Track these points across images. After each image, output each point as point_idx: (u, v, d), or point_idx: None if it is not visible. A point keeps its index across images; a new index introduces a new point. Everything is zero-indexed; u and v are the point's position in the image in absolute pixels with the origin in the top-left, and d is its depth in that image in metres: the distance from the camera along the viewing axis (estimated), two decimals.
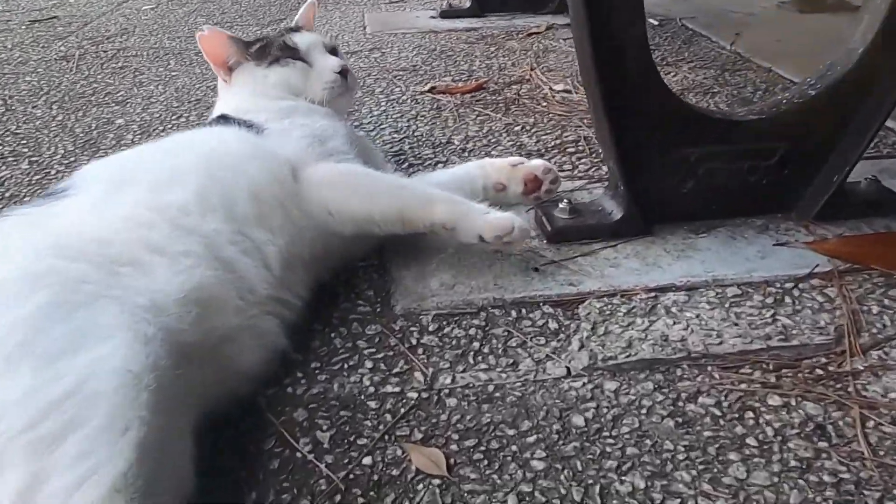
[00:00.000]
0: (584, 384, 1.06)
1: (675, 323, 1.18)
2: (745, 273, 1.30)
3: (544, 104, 2.21)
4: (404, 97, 2.31)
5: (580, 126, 2.02)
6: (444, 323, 1.20)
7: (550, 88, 2.33)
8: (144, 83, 2.55)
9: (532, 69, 2.51)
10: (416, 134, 2.02)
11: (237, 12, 3.62)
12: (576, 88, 2.31)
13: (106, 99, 2.40)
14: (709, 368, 1.08)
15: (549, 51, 2.76)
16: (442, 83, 2.41)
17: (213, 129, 1.31)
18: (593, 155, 1.83)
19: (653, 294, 1.25)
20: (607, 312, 1.21)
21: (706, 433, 0.97)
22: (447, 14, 3.29)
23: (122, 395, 0.78)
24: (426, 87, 2.38)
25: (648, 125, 1.33)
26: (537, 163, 1.49)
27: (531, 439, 0.97)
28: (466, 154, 1.86)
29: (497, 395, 1.05)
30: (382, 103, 2.27)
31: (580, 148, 1.88)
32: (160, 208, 1.03)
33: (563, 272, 1.32)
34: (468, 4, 3.28)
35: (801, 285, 1.26)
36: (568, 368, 1.09)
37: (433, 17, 3.32)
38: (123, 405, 0.77)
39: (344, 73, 1.46)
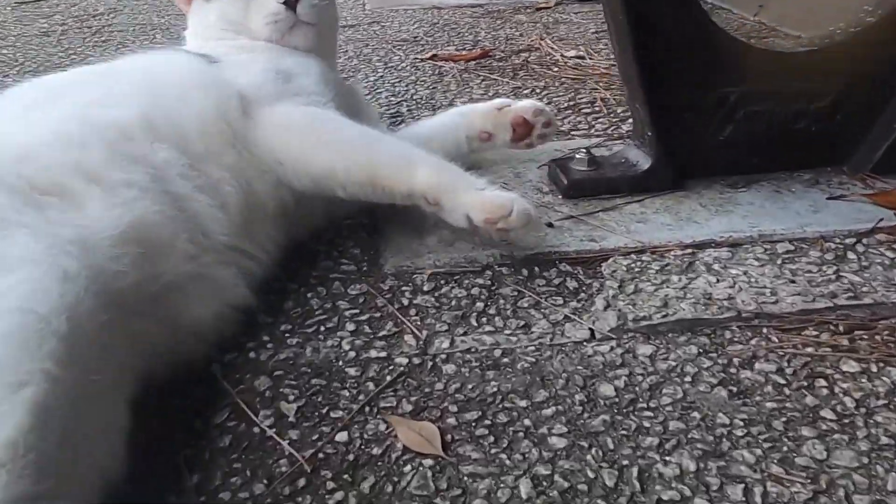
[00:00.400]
0: (611, 348, 0.87)
1: (718, 280, 0.98)
2: (798, 228, 1.10)
3: (555, 69, 2.02)
4: (404, 64, 2.13)
5: (596, 89, 1.83)
6: (443, 282, 1.01)
7: (562, 55, 2.14)
8: (127, 55, 2.38)
9: (542, 38, 2.33)
10: (415, 98, 1.83)
11: None
12: (589, 55, 2.13)
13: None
14: (764, 330, 0.89)
15: (559, 23, 2.57)
16: (445, 52, 2.23)
17: (158, 54, 1.16)
18: (611, 115, 1.65)
19: (689, 250, 1.06)
20: (636, 270, 1.02)
21: (768, 404, 0.77)
22: None
23: (20, 340, 0.59)
24: (427, 55, 2.20)
25: (682, 56, 1.13)
26: (526, 103, 1.27)
27: (548, 412, 0.77)
28: None
29: (505, 360, 0.86)
30: (380, 70, 2.09)
31: (596, 108, 1.69)
32: (98, 127, 0.85)
33: (582, 227, 1.13)
34: None
35: (865, 240, 1.06)
36: (592, 330, 0.90)
37: None
38: (19, 353, 0.58)
39: (291, 3, 1.12)
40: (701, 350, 0.86)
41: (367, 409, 0.78)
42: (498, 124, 1.27)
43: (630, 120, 1.58)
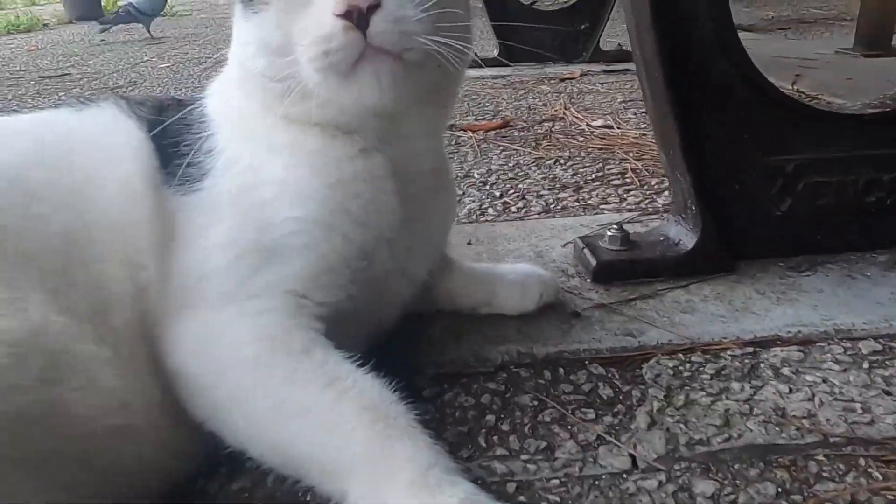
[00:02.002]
0: (660, 484, 0.67)
1: (791, 390, 0.78)
2: (882, 322, 0.90)
3: (581, 139, 1.88)
4: None
5: (625, 159, 1.68)
6: (447, 386, 0.83)
7: (588, 124, 2.01)
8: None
9: (566, 108, 2.21)
10: None
11: None
12: (617, 124, 1.99)
13: None
14: (862, 462, 0.68)
15: (584, 93, 2.46)
16: (464, 122, 2.12)
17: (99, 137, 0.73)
18: (644, 187, 1.48)
19: (750, 349, 0.86)
20: (686, 374, 0.82)
21: None
22: (473, 63, 3.05)
23: None
24: None
25: (729, 118, 0.97)
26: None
27: None
28: (487, 187, 1.53)
29: (521, 499, 0.66)
30: None
31: (627, 180, 1.53)
32: None
33: (616, 319, 0.94)
34: (496, 53, 3.04)
35: None
36: (633, 457, 0.70)
37: None
38: None
39: (358, 13, 0.60)
40: (780, 489, 0.65)
41: None
42: None
43: (667, 192, 1.42)
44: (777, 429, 0.72)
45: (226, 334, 0.64)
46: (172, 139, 0.72)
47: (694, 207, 1.01)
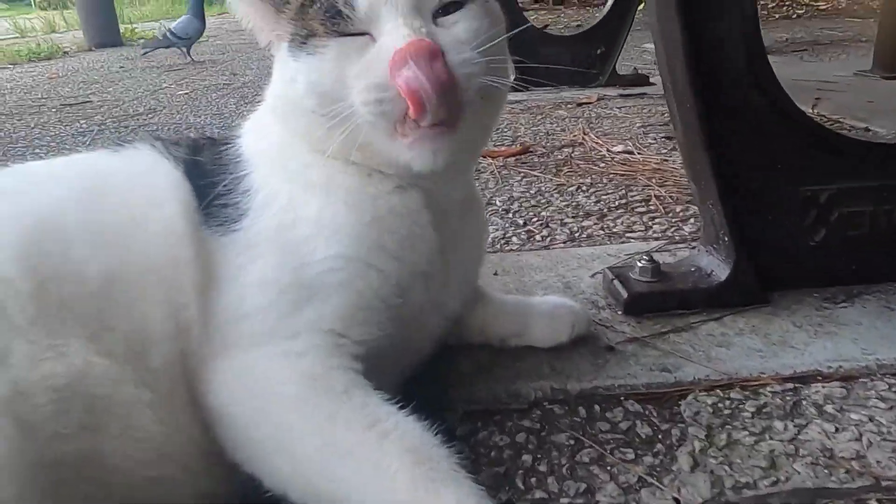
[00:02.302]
0: None
1: (837, 429, 0.76)
2: None
3: (602, 165, 1.87)
4: None
5: (648, 185, 1.66)
6: (479, 424, 0.81)
7: (608, 150, 2.00)
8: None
9: (585, 133, 2.20)
10: None
11: None
12: (638, 149, 1.98)
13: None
14: None
15: (602, 117, 2.46)
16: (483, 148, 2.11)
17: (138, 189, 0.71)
18: (669, 214, 1.47)
19: (790, 385, 0.84)
20: (726, 412, 0.80)
21: None
22: None
23: None
24: None
25: (761, 148, 0.96)
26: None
27: None
28: (510, 215, 1.52)
29: None
30: None
31: (651, 207, 1.52)
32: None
33: (651, 353, 0.92)
34: (512, 78, 3.05)
35: None
36: (678, 501, 0.68)
37: None
38: None
39: (416, 59, 0.60)
40: None
41: None
42: None
43: (693, 220, 1.41)
44: (826, 471, 0.70)
45: (267, 374, 0.63)
46: (210, 179, 0.72)
47: (726, 238, 1.00)
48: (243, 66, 4.75)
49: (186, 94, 3.61)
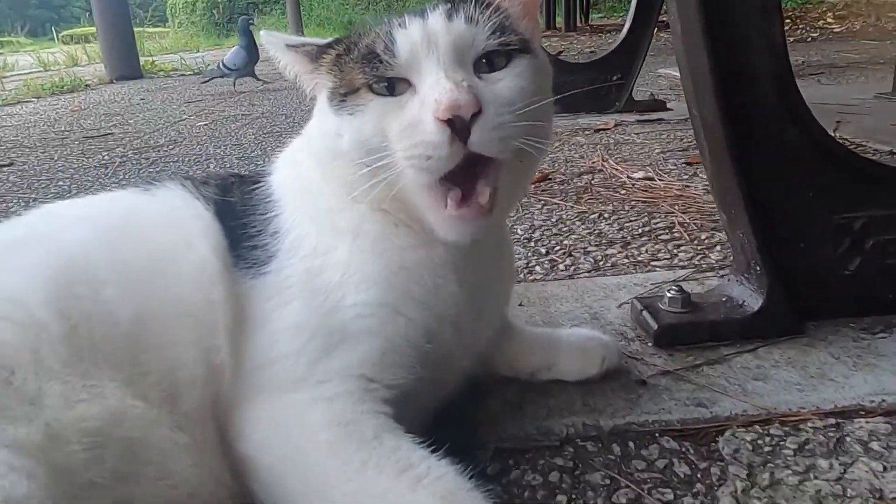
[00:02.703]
0: None
1: (886, 468, 0.73)
2: None
3: (623, 192, 1.86)
4: None
5: (671, 212, 1.65)
6: (511, 462, 0.79)
7: (628, 176, 1.99)
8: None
9: (604, 160, 2.19)
10: None
11: (288, 125, 3.53)
12: (659, 176, 1.96)
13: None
14: None
15: (621, 143, 2.45)
16: None
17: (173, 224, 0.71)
18: (694, 241, 1.45)
19: (832, 420, 0.81)
20: (766, 449, 0.77)
21: None
22: None
23: None
24: None
25: (793, 175, 0.95)
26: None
27: None
28: (532, 244, 1.50)
29: None
30: None
31: (675, 235, 1.50)
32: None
33: (684, 387, 0.90)
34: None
35: None
36: None
37: None
38: None
39: (460, 123, 0.61)
40: None
41: None
42: None
43: (719, 248, 1.39)
44: None
45: (298, 420, 0.62)
46: (240, 220, 0.71)
47: (758, 267, 0.98)
48: (260, 97, 4.82)
49: (206, 125, 3.66)
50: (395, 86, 0.66)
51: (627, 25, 2.97)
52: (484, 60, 0.66)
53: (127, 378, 0.58)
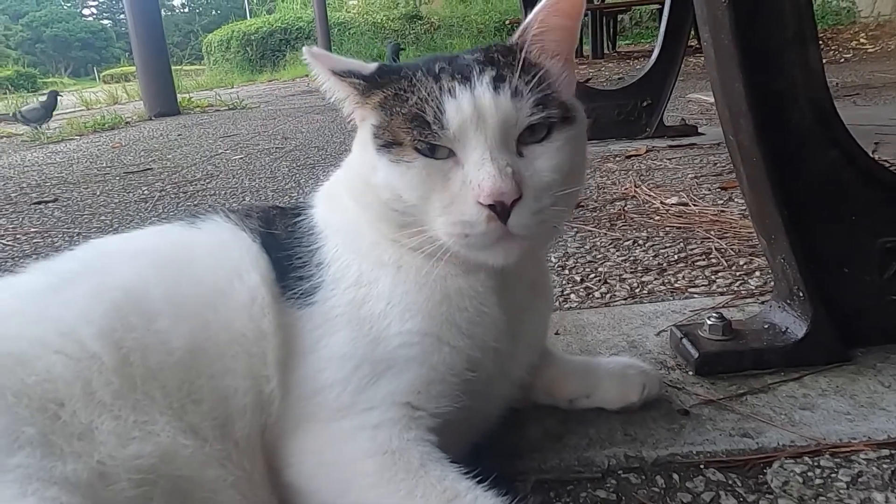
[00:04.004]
0: None
1: None
2: None
3: (657, 218, 1.84)
4: None
5: (707, 238, 1.63)
6: (553, 494, 0.78)
7: (662, 202, 1.98)
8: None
9: (636, 186, 2.18)
10: None
11: (320, 157, 3.59)
12: (693, 201, 1.95)
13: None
14: None
15: (653, 169, 2.44)
16: None
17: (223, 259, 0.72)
18: (732, 267, 1.42)
19: (886, 451, 0.79)
20: (817, 482, 0.75)
21: None
22: None
23: None
24: None
25: (835, 200, 0.93)
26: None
27: None
28: (567, 271, 1.50)
29: None
30: None
31: (713, 260, 1.48)
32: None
33: (728, 417, 0.88)
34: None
35: None
36: None
37: None
38: None
39: (501, 207, 0.63)
40: None
41: None
42: None
43: (758, 273, 1.36)
44: None
45: (345, 449, 0.63)
46: (285, 252, 0.73)
47: (801, 293, 0.96)
48: (294, 129, 4.92)
49: (241, 158, 3.75)
50: (437, 148, 0.67)
51: (657, 51, 2.97)
52: (527, 132, 0.67)
53: (180, 408, 0.59)
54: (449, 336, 0.69)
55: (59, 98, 6.37)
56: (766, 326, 1.01)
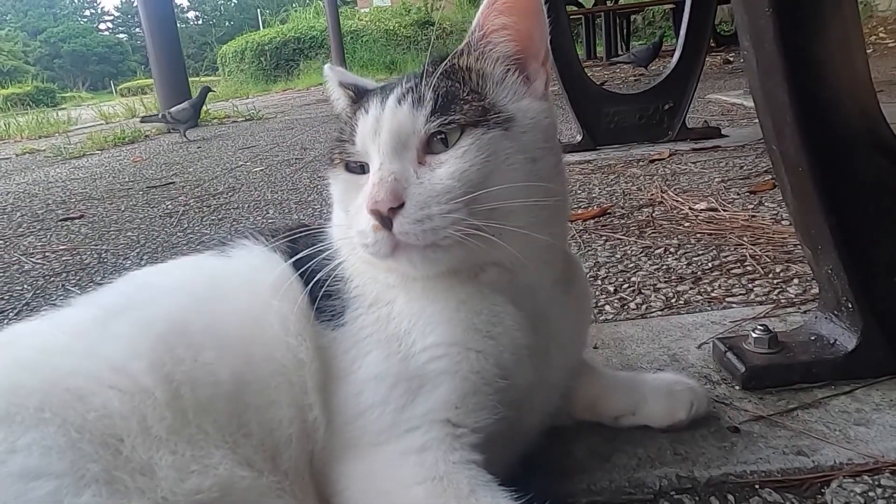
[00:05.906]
0: None
1: None
2: None
3: (686, 224, 1.82)
4: None
5: (741, 244, 1.60)
6: None
7: (690, 208, 1.95)
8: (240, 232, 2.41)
9: (663, 191, 2.16)
10: None
11: None
12: (722, 206, 1.92)
13: (199, 248, 2.25)
14: None
15: (678, 174, 2.41)
16: None
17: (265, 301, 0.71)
18: (769, 275, 1.40)
19: None
20: (879, 502, 0.73)
21: None
22: None
23: None
24: None
25: (883, 209, 0.91)
26: None
27: None
28: (599, 282, 1.48)
29: None
30: None
31: (748, 268, 1.45)
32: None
33: (781, 433, 0.86)
34: (580, 138, 3.06)
35: None
36: None
37: None
38: None
39: (380, 216, 0.64)
40: None
41: None
42: None
43: (797, 281, 1.34)
44: None
45: (392, 475, 0.62)
46: (313, 272, 0.72)
47: (850, 304, 0.94)
48: (311, 139, 4.94)
49: (262, 170, 3.76)
50: (357, 164, 0.71)
51: (678, 53, 2.94)
52: (438, 138, 0.66)
53: (233, 441, 0.59)
54: (473, 342, 0.68)
55: (209, 94, 6.38)
56: (812, 338, 0.99)
